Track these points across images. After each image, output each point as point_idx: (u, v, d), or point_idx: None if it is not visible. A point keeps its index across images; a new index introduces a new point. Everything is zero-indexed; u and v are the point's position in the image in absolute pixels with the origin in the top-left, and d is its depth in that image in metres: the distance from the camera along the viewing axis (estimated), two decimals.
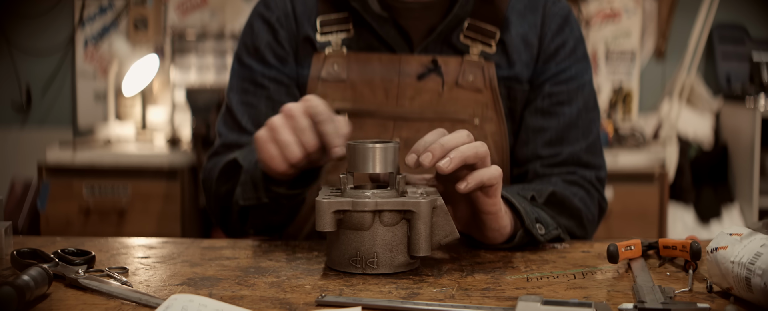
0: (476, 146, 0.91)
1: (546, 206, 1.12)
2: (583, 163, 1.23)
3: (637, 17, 3.26)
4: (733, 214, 2.96)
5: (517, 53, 1.23)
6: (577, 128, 1.24)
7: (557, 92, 1.24)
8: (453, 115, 1.22)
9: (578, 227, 1.18)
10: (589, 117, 1.25)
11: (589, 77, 1.27)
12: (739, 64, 3.21)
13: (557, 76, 1.24)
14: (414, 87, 1.22)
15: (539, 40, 1.25)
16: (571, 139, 1.23)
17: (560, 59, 1.24)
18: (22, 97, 3.35)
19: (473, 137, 0.92)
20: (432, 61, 1.21)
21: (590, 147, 1.24)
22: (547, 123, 1.23)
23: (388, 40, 1.22)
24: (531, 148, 1.24)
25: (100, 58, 3.32)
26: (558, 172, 1.22)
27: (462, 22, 1.23)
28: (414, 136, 1.21)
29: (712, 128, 3.12)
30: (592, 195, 1.22)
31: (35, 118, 3.38)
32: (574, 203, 1.16)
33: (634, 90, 3.28)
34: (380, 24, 1.22)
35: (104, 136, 3.10)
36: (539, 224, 1.04)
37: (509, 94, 1.24)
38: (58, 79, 3.36)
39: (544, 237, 1.04)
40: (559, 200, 1.14)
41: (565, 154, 1.22)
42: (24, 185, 2.83)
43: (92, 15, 3.32)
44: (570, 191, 1.17)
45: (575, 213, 1.16)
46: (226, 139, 1.29)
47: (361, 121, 1.22)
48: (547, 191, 1.13)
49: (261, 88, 1.28)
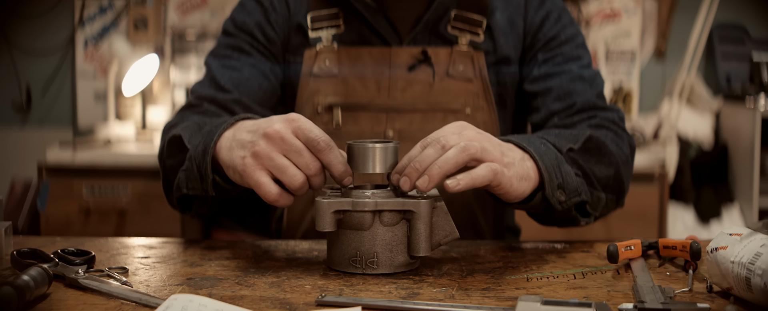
0: (454, 154, 0.87)
1: (583, 153, 1.07)
2: (600, 107, 1.22)
3: (637, 17, 3.26)
4: (733, 214, 2.96)
5: (504, 36, 1.25)
6: (583, 80, 1.23)
7: (552, 56, 1.25)
8: (445, 105, 1.23)
9: (615, 175, 1.12)
10: (591, 71, 1.25)
11: (581, 40, 1.27)
12: (739, 64, 3.21)
13: (548, 44, 1.25)
14: (405, 79, 1.23)
15: (523, 19, 1.26)
16: (580, 90, 1.22)
17: (547, 29, 1.26)
18: (22, 97, 3.34)
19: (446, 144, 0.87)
20: (422, 52, 1.23)
21: (600, 95, 1.24)
22: (550, 83, 1.23)
23: (380, 30, 1.23)
24: (543, 111, 1.23)
25: (100, 58, 3.32)
26: (578, 119, 1.20)
27: (448, 12, 1.24)
28: (407, 127, 1.22)
29: (712, 128, 3.12)
30: (621, 135, 1.19)
31: (35, 118, 3.38)
32: (610, 148, 1.11)
33: (634, 90, 3.28)
34: (371, 14, 1.23)
35: (104, 136, 3.10)
36: (560, 190, 0.99)
37: (499, 80, 1.26)
38: (58, 79, 3.36)
39: (563, 205, 1.00)
40: (595, 145, 1.10)
41: (579, 103, 1.21)
42: (24, 185, 2.83)
43: (92, 15, 3.31)
44: (600, 134, 1.13)
45: (613, 160, 1.11)
46: (200, 92, 1.23)
47: (354, 115, 1.23)
48: (584, 136, 1.09)
49: (246, 54, 1.25)
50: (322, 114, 1.24)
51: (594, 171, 1.08)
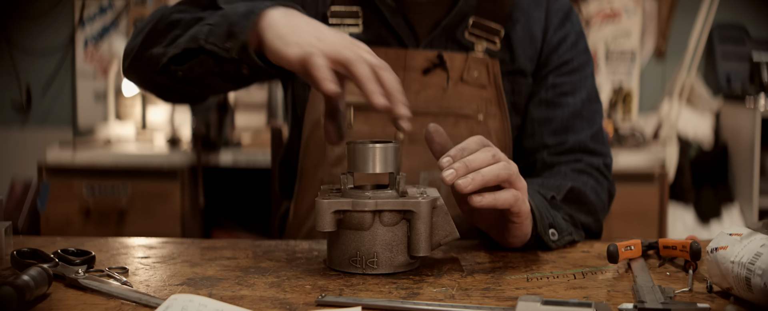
0: (498, 169, 0.88)
1: (565, 203, 1.12)
2: (589, 150, 1.25)
3: (637, 17, 3.26)
4: (733, 214, 2.96)
5: (521, 48, 1.25)
6: (582, 118, 1.25)
7: (561, 83, 1.26)
8: (457, 110, 1.23)
9: (595, 222, 1.18)
10: (592, 107, 1.27)
11: (591, 70, 1.29)
12: (739, 64, 3.21)
13: (560, 68, 1.26)
14: (419, 82, 1.23)
15: (543, 34, 1.27)
16: (576, 128, 1.25)
17: (563, 52, 1.27)
18: (22, 97, 3.35)
19: (499, 157, 0.89)
20: (437, 56, 1.22)
21: (595, 135, 1.26)
22: (551, 113, 1.25)
23: (398, 31, 1.23)
24: (537, 139, 1.26)
25: (100, 58, 3.32)
26: (565, 160, 1.23)
27: (466, 18, 1.24)
28: (419, 130, 1.22)
29: (712, 128, 3.12)
30: (601, 182, 1.23)
31: (35, 118, 3.38)
32: (590, 198, 1.17)
33: (634, 90, 3.28)
34: (392, 14, 1.22)
35: (104, 136, 3.10)
36: (552, 230, 1.04)
37: (513, 89, 1.26)
38: (58, 79, 3.36)
39: (556, 243, 1.04)
40: (576, 195, 1.15)
41: (571, 142, 1.24)
42: (24, 185, 2.83)
43: (92, 15, 3.32)
44: (581, 181, 1.18)
45: (591, 209, 1.17)
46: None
47: (367, 115, 1.23)
48: (566, 187, 1.14)
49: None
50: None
51: (576, 216, 1.13)
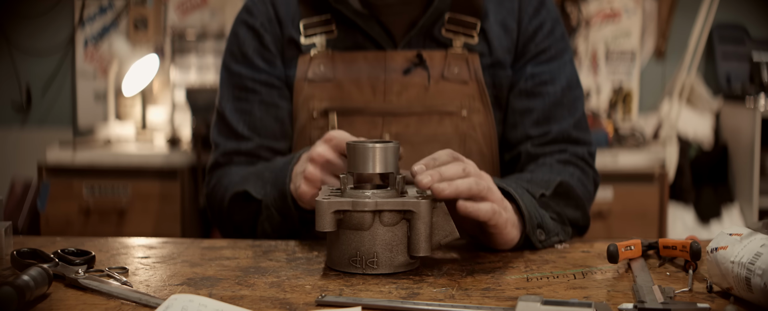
0: (470, 183, 0.91)
1: (554, 198, 1.13)
2: (573, 140, 1.25)
3: (637, 17, 3.26)
4: (733, 214, 2.96)
5: (497, 40, 1.25)
6: (563, 106, 1.25)
7: (539, 72, 1.26)
8: (440, 107, 1.24)
9: (582, 216, 1.19)
10: (573, 94, 1.27)
11: (569, 57, 1.29)
12: (739, 64, 3.21)
13: (538, 57, 1.26)
14: (400, 82, 1.23)
15: (517, 24, 1.27)
16: (558, 116, 1.25)
17: (539, 40, 1.27)
18: (22, 97, 3.34)
19: (469, 171, 0.93)
20: (417, 55, 1.23)
21: (578, 123, 1.26)
22: (532, 104, 1.25)
23: (373, 35, 1.23)
24: (520, 130, 1.26)
25: (100, 58, 3.32)
26: (550, 151, 1.24)
27: (442, 15, 1.24)
28: (403, 131, 1.23)
29: (712, 128, 3.12)
30: (587, 172, 1.24)
31: (35, 118, 3.38)
32: (577, 192, 1.17)
33: (634, 90, 3.28)
34: (364, 21, 1.23)
35: (104, 136, 3.10)
36: (540, 230, 1.04)
37: (494, 82, 1.26)
38: (58, 79, 3.36)
39: (543, 244, 1.05)
40: (565, 190, 1.15)
41: (554, 132, 1.24)
42: (24, 185, 2.83)
43: (92, 15, 3.32)
44: (567, 173, 1.19)
45: (579, 203, 1.17)
46: (224, 147, 1.29)
47: (351, 119, 1.23)
48: (555, 182, 1.14)
49: (253, 92, 1.28)
50: (317, 119, 1.24)
51: (565, 212, 1.14)
